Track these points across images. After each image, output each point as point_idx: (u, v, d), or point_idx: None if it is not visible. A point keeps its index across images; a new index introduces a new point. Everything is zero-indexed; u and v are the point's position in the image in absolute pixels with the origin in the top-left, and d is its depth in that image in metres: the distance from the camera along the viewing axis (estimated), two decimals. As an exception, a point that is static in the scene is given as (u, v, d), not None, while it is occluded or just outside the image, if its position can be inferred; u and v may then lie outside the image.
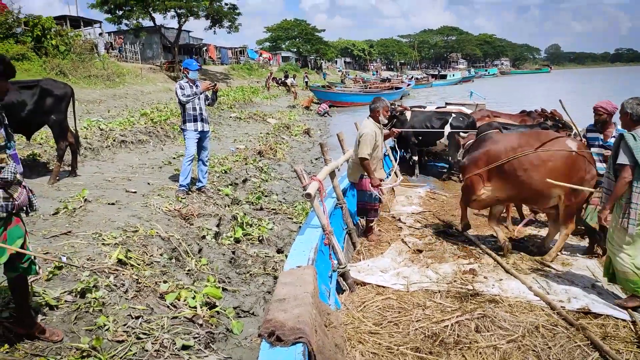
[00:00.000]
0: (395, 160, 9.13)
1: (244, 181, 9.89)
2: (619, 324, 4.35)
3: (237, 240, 6.88)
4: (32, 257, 3.64)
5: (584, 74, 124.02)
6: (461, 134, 9.63)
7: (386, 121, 7.08)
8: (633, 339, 4.10)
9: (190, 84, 7.86)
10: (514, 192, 5.94)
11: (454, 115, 10.66)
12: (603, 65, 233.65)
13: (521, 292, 4.94)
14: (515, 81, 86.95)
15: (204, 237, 6.59)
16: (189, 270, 5.60)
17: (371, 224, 6.74)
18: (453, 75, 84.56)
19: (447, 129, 10.49)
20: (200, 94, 8.00)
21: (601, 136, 5.77)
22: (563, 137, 5.84)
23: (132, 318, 4.29)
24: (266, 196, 9.40)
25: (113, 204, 6.97)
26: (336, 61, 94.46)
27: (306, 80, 48.24)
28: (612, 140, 5.41)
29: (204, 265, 5.83)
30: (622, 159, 4.36)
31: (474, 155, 6.16)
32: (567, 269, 5.62)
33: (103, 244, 5.41)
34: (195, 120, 7.90)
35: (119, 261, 5.06)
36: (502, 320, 4.30)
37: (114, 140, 11.30)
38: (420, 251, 6.11)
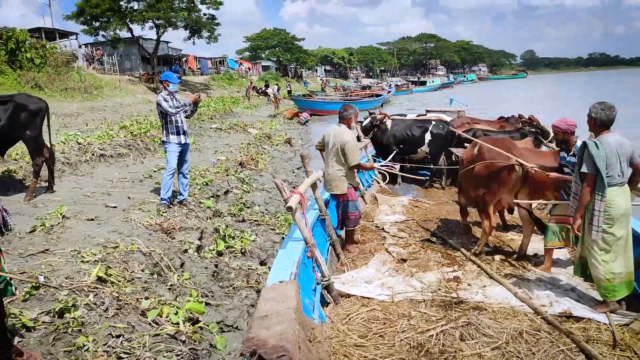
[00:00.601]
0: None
1: (226, 193, 9.81)
2: (600, 327, 4.38)
3: (220, 253, 6.80)
4: (8, 278, 3.55)
5: (559, 79, 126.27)
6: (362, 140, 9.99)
7: (357, 129, 7.12)
8: (615, 342, 4.13)
9: (171, 97, 7.81)
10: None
11: (434, 122, 10.71)
12: (577, 70, 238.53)
13: (504, 298, 4.96)
14: (493, 87, 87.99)
15: (186, 250, 6.51)
16: (171, 285, 5.52)
17: (354, 234, 6.75)
18: (432, 81, 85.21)
19: (428, 137, 10.53)
20: (189, 105, 7.96)
21: (564, 154, 5.83)
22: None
23: (113, 337, 4.21)
24: (248, 207, 9.33)
25: (92, 219, 6.86)
26: (316, 69, 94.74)
27: (289, 89, 48.30)
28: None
29: (186, 279, 5.75)
30: (584, 167, 4.47)
31: None
32: (548, 273, 5.67)
33: (82, 261, 5.31)
34: (178, 133, 7.85)
35: (99, 279, 4.97)
36: (487, 328, 4.31)
37: (93, 154, 11.16)
38: (404, 260, 6.10)
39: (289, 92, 46.02)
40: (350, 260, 6.31)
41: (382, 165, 8.05)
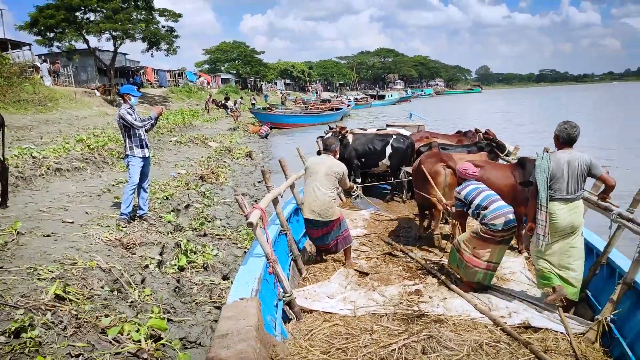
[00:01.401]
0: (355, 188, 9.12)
1: (187, 207, 9.72)
2: (558, 337, 4.53)
3: (182, 268, 6.74)
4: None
5: (512, 94, 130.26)
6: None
7: (319, 144, 7.32)
8: (572, 352, 4.27)
9: (132, 110, 7.73)
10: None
11: (394, 136, 10.89)
12: (529, 86, 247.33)
13: (465, 310, 5.07)
14: (450, 101, 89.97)
15: (146, 266, 6.42)
16: (132, 302, 5.43)
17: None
18: (391, 95, 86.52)
19: (389, 151, 10.69)
20: (155, 119, 7.89)
21: None
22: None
23: (72, 357, 4.11)
24: (209, 222, 9.27)
25: (49, 235, 6.68)
26: (276, 83, 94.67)
27: (253, 102, 48.20)
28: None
29: (147, 295, 5.67)
30: (532, 177, 4.93)
31: None
32: (506, 283, 5.83)
33: (38, 279, 5.17)
34: (142, 147, 7.78)
35: (57, 296, 4.84)
36: (448, 340, 4.39)
37: (48, 168, 10.85)
38: (366, 274, 6.16)
39: (253, 105, 45.91)
40: (313, 274, 6.33)
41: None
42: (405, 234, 8.22)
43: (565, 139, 4.80)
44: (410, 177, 9.19)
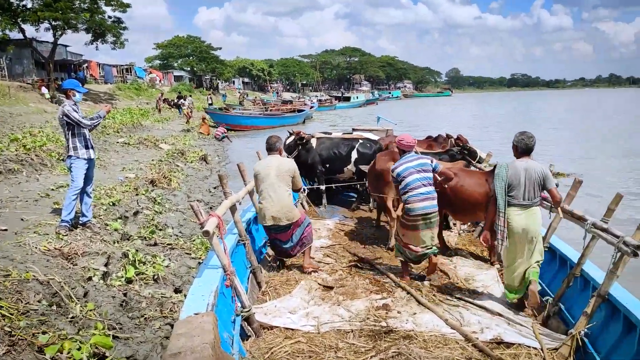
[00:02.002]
0: (303, 191, 9.12)
1: (135, 214, 9.57)
2: (531, 353, 4.64)
3: (129, 281, 6.61)
4: None
5: (484, 98, 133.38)
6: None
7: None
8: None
9: (77, 107, 7.58)
10: None
11: (361, 141, 10.98)
12: (500, 90, 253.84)
13: (435, 326, 5.14)
14: (419, 104, 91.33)
15: (90, 278, 6.28)
16: (73, 317, 5.29)
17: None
18: (357, 97, 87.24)
19: (354, 156, 10.77)
20: (103, 118, 7.75)
21: None
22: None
23: (5, 379, 3.99)
24: (160, 230, 9.15)
25: (-22, 244, 6.48)
26: (233, 81, 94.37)
27: (210, 102, 47.80)
28: None
29: (90, 310, 5.53)
30: (493, 185, 5.54)
31: None
32: (479, 297, 5.94)
33: (-33, 292, 5.01)
34: (87, 147, 7.62)
35: (-13, 312, 4.70)
36: (417, 358, 4.43)
37: (-23, 170, 10.55)
38: (330, 288, 6.20)
39: (210, 104, 45.55)
40: (273, 288, 6.31)
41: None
42: (372, 244, 8.29)
43: (524, 149, 5.40)
44: None
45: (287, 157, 9.60)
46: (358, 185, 11.04)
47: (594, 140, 28.51)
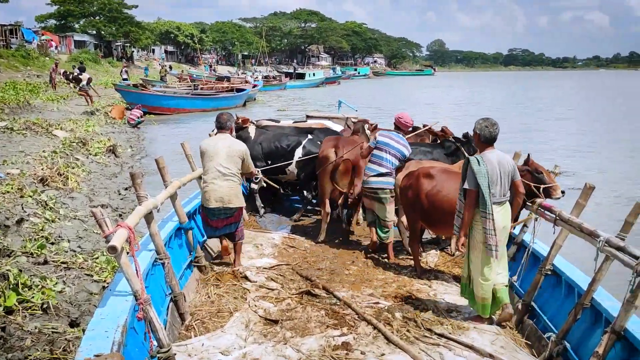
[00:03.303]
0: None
1: (19, 222, 9.36)
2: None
3: (9, 311, 6.48)
4: None
5: (474, 78, 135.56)
6: None
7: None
8: None
9: None
10: None
11: (310, 136, 10.72)
12: (495, 69, 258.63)
13: (410, 371, 5.16)
14: (392, 85, 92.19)
15: (-48, 310, 6.11)
16: None
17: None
18: (313, 74, 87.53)
19: (298, 154, 10.60)
20: None
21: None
22: None
23: None
24: (53, 244, 8.99)
25: None
26: (153, 50, 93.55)
27: (125, 76, 47.12)
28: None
29: (-47, 354, 5.39)
30: (467, 183, 5.92)
31: None
32: (465, 333, 5.99)
33: None
34: None
35: None
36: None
37: None
38: (275, 321, 6.17)
39: (125, 80, 44.84)
40: (200, 321, 6.24)
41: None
42: (330, 266, 8.29)
43: (487, 137, 5.94)
44: None
45: None
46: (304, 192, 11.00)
47: (612, 136, 29.34)
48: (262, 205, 11.06)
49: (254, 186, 10.93)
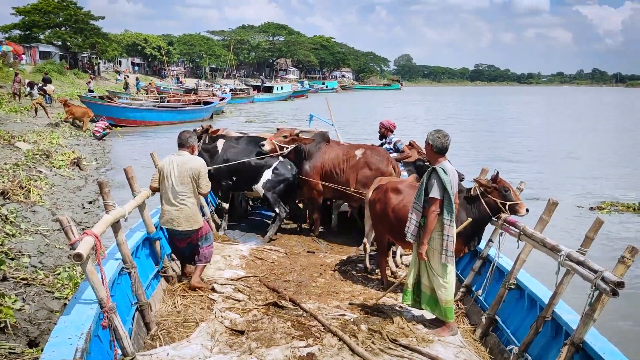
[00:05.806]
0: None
1: (-23, 236, 9.24)
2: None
3: (-37, 330, 6.37)
4: None
5: (441, 93, 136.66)
6: None
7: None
8: None
9: None
10: None
11: (281, 159, 10.61)
12: (462, 84, 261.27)
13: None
14: (360, 99, 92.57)
15: None
16: None
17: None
18: (281, 87, 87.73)
19: (267, 176, 10.53)
20: None
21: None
22: None
23: None
24: (13, 259, 8.85)
25: None
26: (120, 62, 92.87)
27: (90, 88, 46.67)
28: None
29: None
30: (434, 193, 6.07)
31: None
32: (429, 346, 6.06)
33: None
34: None
35: None
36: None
37: None
38: (241, 332, 6.18)
39: (91, 92, 44.43)
40: (166, 331, 6.23)
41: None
42: (297, 278, 8.32)
43: (439, 148, 6.18)
44: None
45: None
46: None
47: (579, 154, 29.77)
48: (226, 225, 11.11)
49: (225, 205, 10.89)
